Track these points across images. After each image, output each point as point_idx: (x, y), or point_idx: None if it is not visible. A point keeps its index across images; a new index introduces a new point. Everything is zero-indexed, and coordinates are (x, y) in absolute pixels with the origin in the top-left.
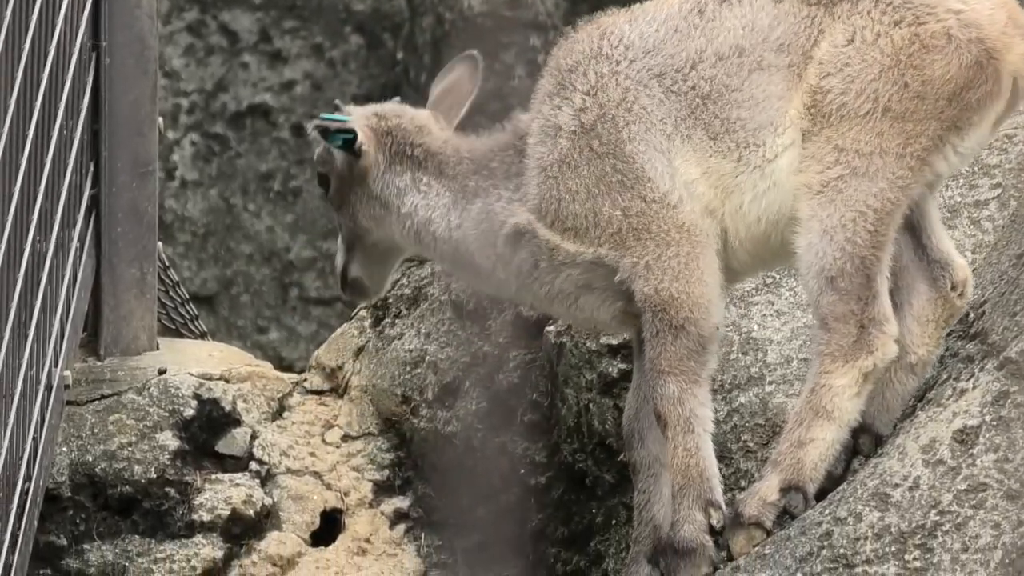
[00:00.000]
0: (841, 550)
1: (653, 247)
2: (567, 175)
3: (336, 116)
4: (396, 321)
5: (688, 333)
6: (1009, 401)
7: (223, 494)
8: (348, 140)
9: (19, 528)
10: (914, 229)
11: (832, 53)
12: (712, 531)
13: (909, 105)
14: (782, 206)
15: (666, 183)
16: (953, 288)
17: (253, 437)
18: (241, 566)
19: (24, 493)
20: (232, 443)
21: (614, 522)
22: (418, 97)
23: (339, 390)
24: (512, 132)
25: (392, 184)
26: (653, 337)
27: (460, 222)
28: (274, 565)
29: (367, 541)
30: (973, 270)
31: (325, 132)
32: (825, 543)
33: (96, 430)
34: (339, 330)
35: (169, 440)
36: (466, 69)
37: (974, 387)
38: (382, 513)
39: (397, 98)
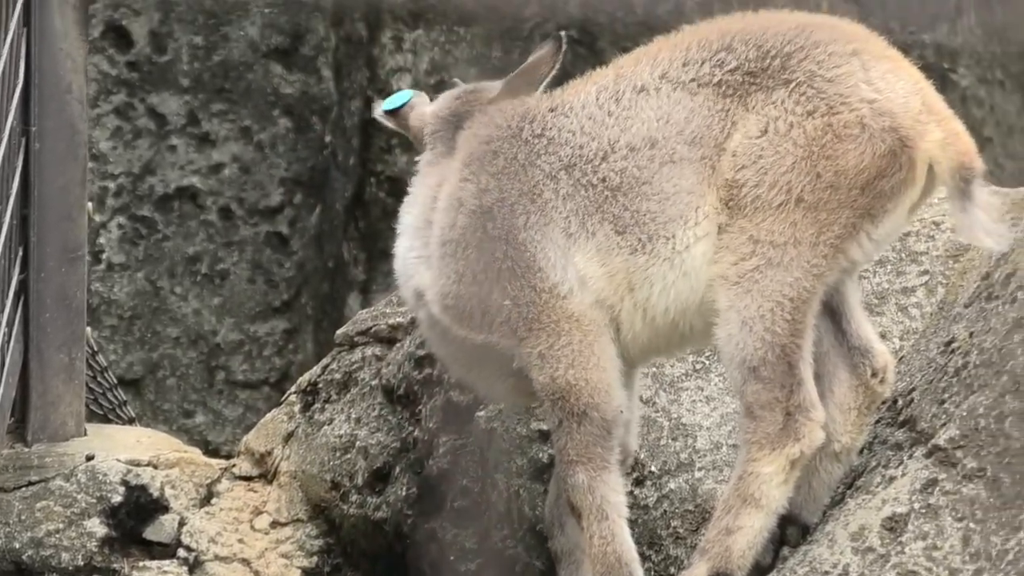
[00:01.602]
0: None
1: (545, 337)
2: (459, 255)
3: (393, 98)
4: (326, 406)
5: (591, 419)
6: (938, 489)
7: None
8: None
9: None
10: (834, 314)
11: (746, 145)
12: None
13: (822, 195)
14: (691, 295)
15: (557, 273)
16: (874, 375)
17: (181, 524)
18: None
19: None
20: (160, 530)
21: None
22: (347, 180)
23: (268, 476)
24: (438, 173)
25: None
26: (557, 428)
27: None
28: None
29: None
30: (901, 357)
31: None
32: None
33: (23, 517)
34: (268, 415)
35: (97, 527)
36: (550, 49)
37: (903, 474)
38: None
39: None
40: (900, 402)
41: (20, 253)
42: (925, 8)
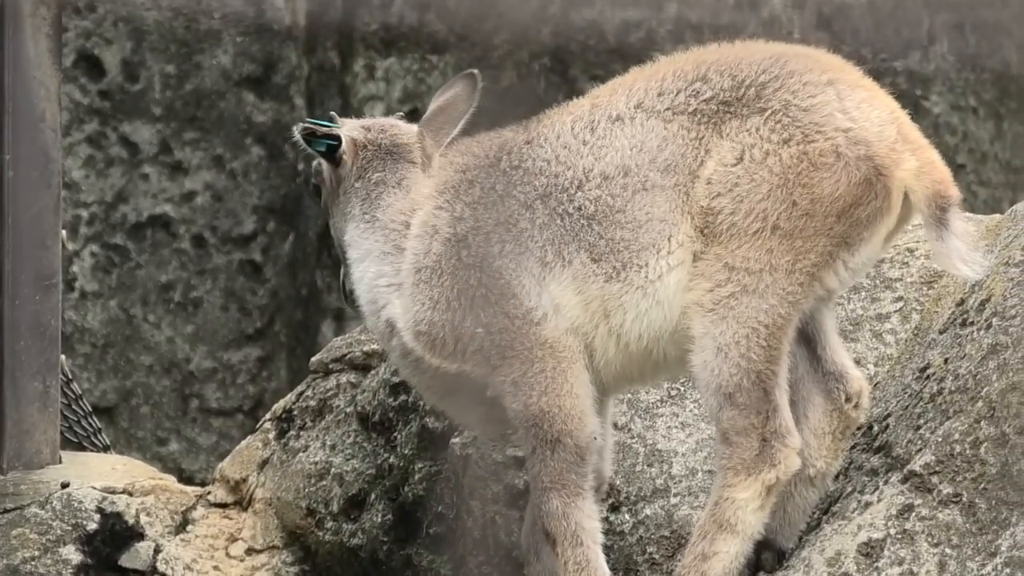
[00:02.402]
0: None
1: (519, 364)
2: (434, 282)
3: (324, 123)
4: (301, 433)
5: (565, 446)
6: (913, 514)
7: None
8: (331, 146)
9: None
10: (809, 341)
11: (721, 173)
12: None
13: (798, 223)
14: (665, 323)
15: (531, 300)
16: (848, 400)
17: (157, 551)
18: None
19: None
20: (135, 557)
21: None
22: (318, 209)
23: (243, 503)
24: (416, 193)
25: (350, 199)
26: (531, 455)
27: (370, 273)
28: None
29: None
30: (876, 384)
31: (312, 135)
32: None
33: None
34: (243, 442)
35: (72, 554)
36: (465, 86)
37: (879, 500)
38: None
39: (399, 113)
40: (876, 428)
41: None
42: (898, 35)
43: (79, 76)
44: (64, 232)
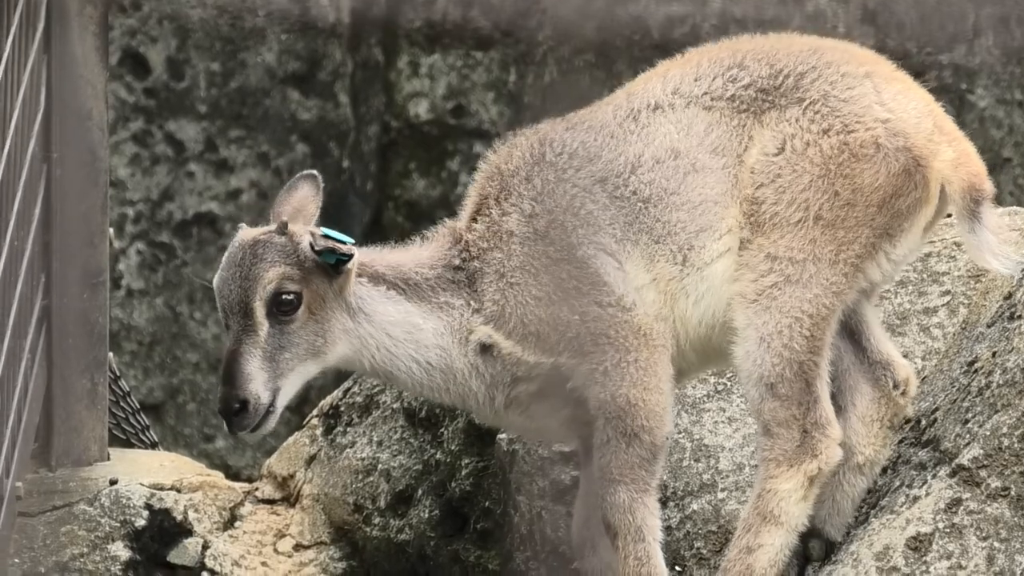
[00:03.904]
0: None
1: (612, 352)
2: (528, 282)
3: (341, 237)
4: (348, 429)
5: (641, 441)
6: (962, 508)
7: None
8: (342, 259)
9: None
10: (853, 333)
11: (764, 162)
12: None
13: (840, 213)
14: (716, 311)
15: (620, 287)
16: (896, 387)
17: (205, 547)
18: None
19: None
20: (184, 553)
21: None
22: (364, 205)
23: (291, 499)
24: (446, 239)
25: (366, 297)
26: (604, 444)
27: (426, 339)
28: None
29: None
30: (924, 378)
31: (331, 251)
32: None
33: (48, 541)
34: (290, 439)
35: (121, 551)
36: (310, 187)
37: (927, 494)
38: None
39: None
40: (924, 422)
41: (43, 279)
42: (943, 29)
43: (125, 74)
44: (111, 230)
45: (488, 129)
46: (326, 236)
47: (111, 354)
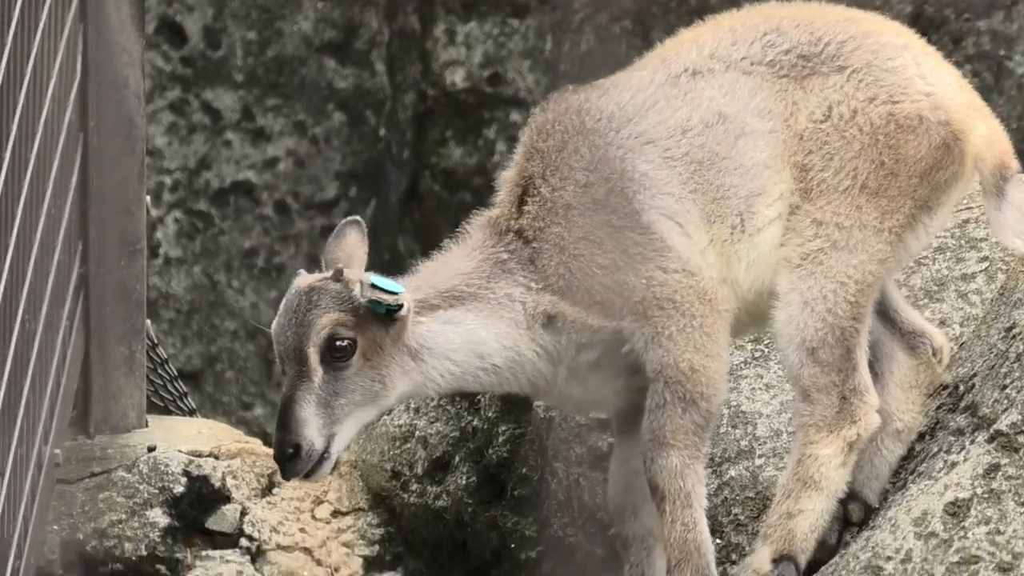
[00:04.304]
0: None
1: (678, 317)
2: (593, 251)
3: (391, 287)
4: None
5: (698, 408)
6: (1000, 474)
7: (213, 571)
8: (392, 308)
9: None
10: (880, 307)
11: (811, 129)
12: None
13: (884, 182)
14: (764, 277)
15: (685, 251)
16: (934, 353)
17: (243, 513)
18: None
19: (15, 571)
20: (222, 520)
21: None
22: (401, 173)
23: None
24: (485, 235)
25: (425, 333)
26: (659, 408)
27: (497, 335)
28: None
29: None
30: (962, 344)
31: (377, 302)
32: None
33: (86, 508)
34: None
35: (159, 517)
36: (356, 233)
37: (965, 460)
38: None
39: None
40: (961, 388)
41: (80, 247)
42: None
43: (161, 43)
44: (149, 198)
45: (524, 97)
46: (373, 286)
47: (148, 321)
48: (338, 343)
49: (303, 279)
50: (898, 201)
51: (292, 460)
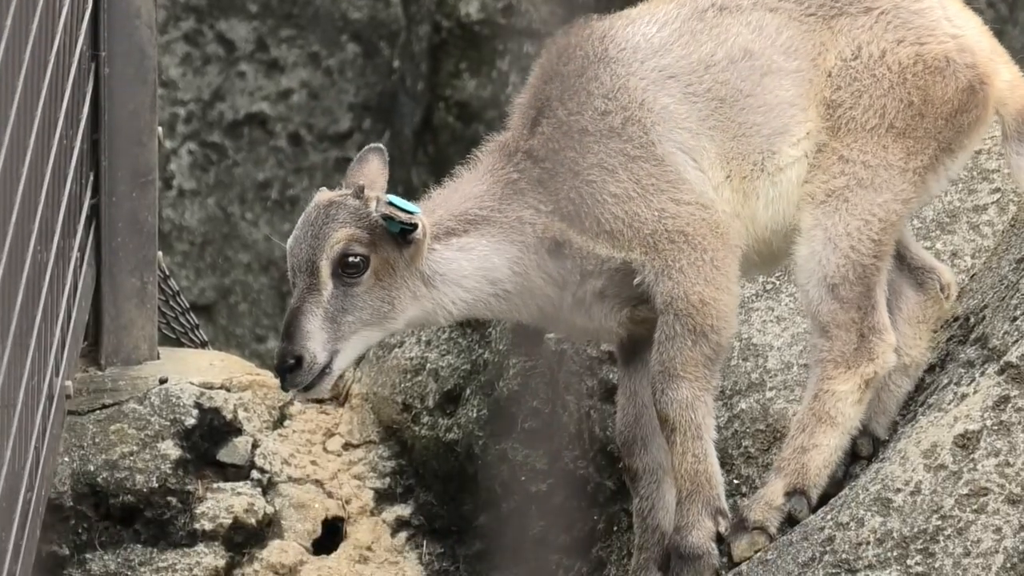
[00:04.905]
0: (843, 555)
1: (689, 250)
2: (606, 179)
3: (407, 206)
4: None
5: (708, 340)
6: (1010, 405)
7: (225, 503)
8: (406, 229)
9: (21, 538)
10: None
11: (840, 67)
12: (717, 538)
13: (911, 123)
14: (784, 215)
15: (699, 184)
16: (942, 289)
17: (254, 446)
18: (243, 575)
19: (26, 503)
20: (233, 452)
21: (615, 529)
22: (415, 105)
23: (340, 398)
24: (495, 157)
25: (439, 260)
26: (669, 339)
27: (508, 259)
28: (276, 574)
29: (369, 549)
30: (973, 275)
31: (391, 218)
32: (827, 548)
33: (98, 440)
34: None
35: (170, 449)
36: (379, 160)
37: (975, 391)
38: (383, 521)
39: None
40: (972, 319)
41: (91, 177)
42: None
43: None
44: (160, 130)
45: (539, 28)
46: (390, 204)
47: (160, 253)
48: (351, 259)
49: (323, 194)
50: (923, 142)
51: (293, 371)
